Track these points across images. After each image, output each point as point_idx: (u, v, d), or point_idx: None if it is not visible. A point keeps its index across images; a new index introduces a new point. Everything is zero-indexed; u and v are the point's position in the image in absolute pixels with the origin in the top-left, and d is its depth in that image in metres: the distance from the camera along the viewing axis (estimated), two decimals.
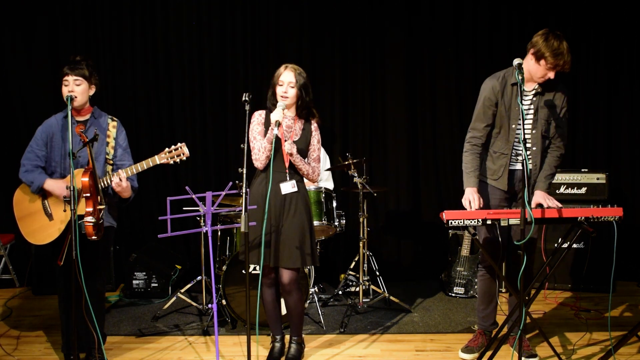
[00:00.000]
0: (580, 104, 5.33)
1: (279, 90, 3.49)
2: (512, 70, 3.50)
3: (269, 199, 3.32)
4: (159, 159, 3.42)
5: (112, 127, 3.51)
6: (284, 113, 3.43)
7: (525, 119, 3.49)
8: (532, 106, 3.49)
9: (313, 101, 3.62)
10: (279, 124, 3.33)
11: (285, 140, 3.50)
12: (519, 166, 3.55)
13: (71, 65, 3.39)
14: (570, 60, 3.32)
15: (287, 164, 3.51)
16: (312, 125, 3.62)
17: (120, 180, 3.33)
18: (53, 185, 3.38)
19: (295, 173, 3.57)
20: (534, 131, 3.49)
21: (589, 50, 5.24)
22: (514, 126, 3.49)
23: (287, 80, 3.48)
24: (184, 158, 3.44)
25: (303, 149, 3.58)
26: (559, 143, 3.54)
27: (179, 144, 3.44)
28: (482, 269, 3.75)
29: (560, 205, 3.38)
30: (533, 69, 3.39)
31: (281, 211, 3.53)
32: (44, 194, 3.44)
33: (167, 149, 3.44)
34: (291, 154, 3.48)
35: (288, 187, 3.52)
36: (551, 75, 3.36)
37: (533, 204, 3.46)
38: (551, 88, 3.48)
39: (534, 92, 3.49)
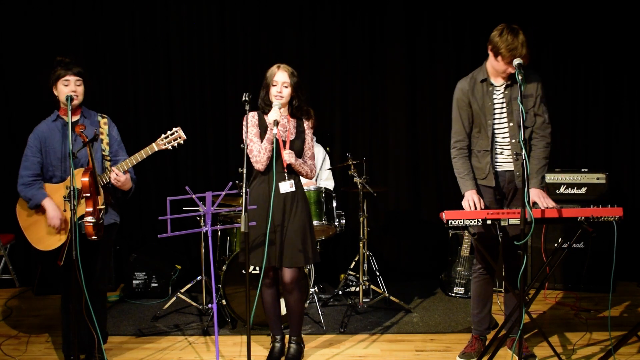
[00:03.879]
0: (580, 104, 5.33)
1: (274, 90, 3.51)
2: (480, 69, 3.54)
3: (267, 199, 3.33)
4: (156, 146, 3.44)
5: (104, 123, 3.52)
6: (280, 111, 3.45)
7: (502, 113, 3.50)
8: (504, 99, 3.49)
9: (312, 101, 3.62)
10: (277, 123, 3.36)
11: (283, 141, 3.52)
12: (507, 167, 3.55)
13: (67, 65, 3.39)
14: (526, 53, 3.29)
15: (285, 164, 3.52)
16: (304, 124, 3.63)
17: (118, 175, 3.34)
18: (49, 206, 3.37)
19: (293, 172, 3.58)
20: (510, 124, 3.49)
21: (589, 50, 5.24)
22: (489, 121, 3.50)
23: (281, 80, 3.49)
24: (182, 142, 3.48)
25: (299, 147, 3.59)
26: (543, 132, 3.51)
27: (174, 129, 3.47)
28: (477, 270, 3.73)
29: (554, 205, 3.38)
30: (495, 65, 3.42)
31: (283, 211, 3.53)
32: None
33: (163, 135, 3.47)
34: (290, 163, 3.51)
35: (286, 186, 3.54)
36: (511, 69, 3.37)
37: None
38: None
39: (504, 85, 3.50)
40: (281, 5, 5.33)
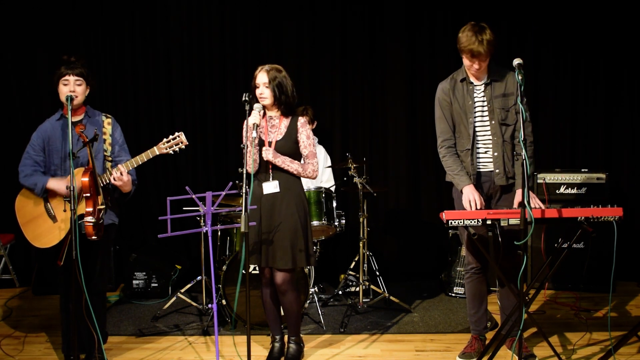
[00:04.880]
0: (580, 104, 5.33)
1: (257, 93, 3.52)
2: (459, 69, 3.58)
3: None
4: (158, 149, 3.44)
5: (107, 124, 3.52)
6: (260, 114, 3.41)
7: (483, 112, 3.52)
8: (484, 98, 3.51)
9: (312, 100, 3.60)
10: (256, 126, 3.34)
11: (269, 142, 3.52)
12: (490, 167, 3.55)
13: (69, 65, 3.39)
14: (486, 51, 3.31)
15: (270, 165, 3.52)
16: (298, 122, 3.60)
17: (121, 174, 3.34)
18: (56, 184, 3.38)
19: (284, 172, 3.55)
20: (492, 122, 3.51)
21: (589, 50, 5.24)
22: (470, 119, 3.52)
23: (262, 81, 3.49)
24: (183, 147, 3.46)
25: (290, 147, 3.56)
26: (526, 131, 3.51)
27: (176, 133, 3.46)
28: (469, 270, 3.73)
29: (542, 205, 3.38)
30: (464, 63, 3.47)
31: (270, 212, 3.53)
32: (46, 197, 3.44)
33: (165, 139, 3.46)
34: (270, 161, 3.49)
35: (270, 187, 3.52)
36: (475, 65, 3.39)
37: (515, 204, 3.45)
38: (501, 77, 3.51)
39: (483, 84, 3.52)
40: (281, 4, 5.32)
